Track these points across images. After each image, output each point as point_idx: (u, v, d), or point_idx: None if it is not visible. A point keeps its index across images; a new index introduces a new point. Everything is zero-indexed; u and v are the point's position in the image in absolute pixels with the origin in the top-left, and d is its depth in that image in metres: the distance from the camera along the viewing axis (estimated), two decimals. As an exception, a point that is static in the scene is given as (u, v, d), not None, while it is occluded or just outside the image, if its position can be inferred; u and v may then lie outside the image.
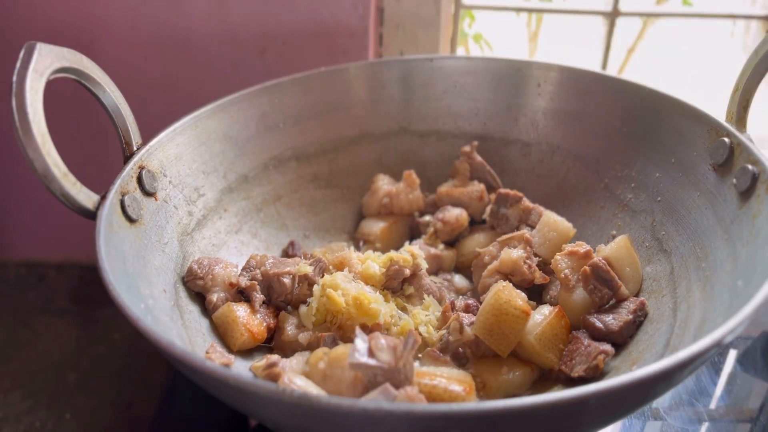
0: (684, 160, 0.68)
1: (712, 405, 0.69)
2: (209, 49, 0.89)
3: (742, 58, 1.09)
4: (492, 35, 1.33)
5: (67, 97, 0.87)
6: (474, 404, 0.37)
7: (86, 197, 0.57)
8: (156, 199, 0.66)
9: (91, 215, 0.57)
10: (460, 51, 1.22)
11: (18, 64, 0.54)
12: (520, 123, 0.86)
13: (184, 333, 0.59)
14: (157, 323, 0.53)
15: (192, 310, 0.64)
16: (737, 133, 0.62)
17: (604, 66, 1.04)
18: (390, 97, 0.88)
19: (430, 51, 0.99)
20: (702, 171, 0.66)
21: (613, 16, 0.99)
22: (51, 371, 0.62)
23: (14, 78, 0.53)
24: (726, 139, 0.62)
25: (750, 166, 0.58)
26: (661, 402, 0.69)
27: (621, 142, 0.76)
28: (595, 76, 0.79)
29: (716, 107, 0.68)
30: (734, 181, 0.60)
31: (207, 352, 0.60)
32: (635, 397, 0.44)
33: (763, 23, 1.02)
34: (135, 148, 0.66)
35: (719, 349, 0.48)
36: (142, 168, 0.65)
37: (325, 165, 0.86)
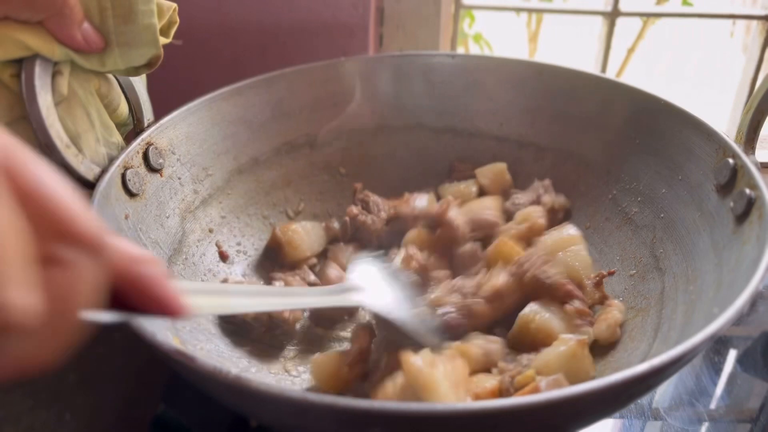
0: (690, 177, 0.66)
1: (713, 405, 0.69)
2: (208, 46, 0.91)
3: (741, 59, 1.05)
4: (492, 35, 1.31)
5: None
6: (395, 403, 0.38)
7: (87, 169, 0.60)
8: (161, 175, 0.69)
9: (91, 187, 0.60)
10: (460, 51, 1.22)
11: (31, 40, 0.57)
12: (536, 126, 0.84)
13: (168, 306, 0.61)
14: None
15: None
16: (743, 155, 0.60)
17: (603, 67, 1.02)
18: (409, 91, 0.88)
19: (429, 51, 0.99)
20: (706, 191, 0.64)
21: (613, 16, 0.98)
22: (51, 371, 0.63)
23: (26, 51, 0.56)
24: (731, 160, 0.60)
25: (748, 191, 0.56)
26: (661, 402, 0.69)
27: (633, 154, 0.75)
28: (613, 84, 0.77)
29: (715, 108, 0.66)
30: (731, 204, 0.58)
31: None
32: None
33: (763, 23, 0.98)
34: (145, 125, 0.69)
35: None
36: (149, 144, 0.67)
37: (339, 154, 0.87)
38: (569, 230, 0.70)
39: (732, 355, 0.74)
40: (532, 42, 1.46)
